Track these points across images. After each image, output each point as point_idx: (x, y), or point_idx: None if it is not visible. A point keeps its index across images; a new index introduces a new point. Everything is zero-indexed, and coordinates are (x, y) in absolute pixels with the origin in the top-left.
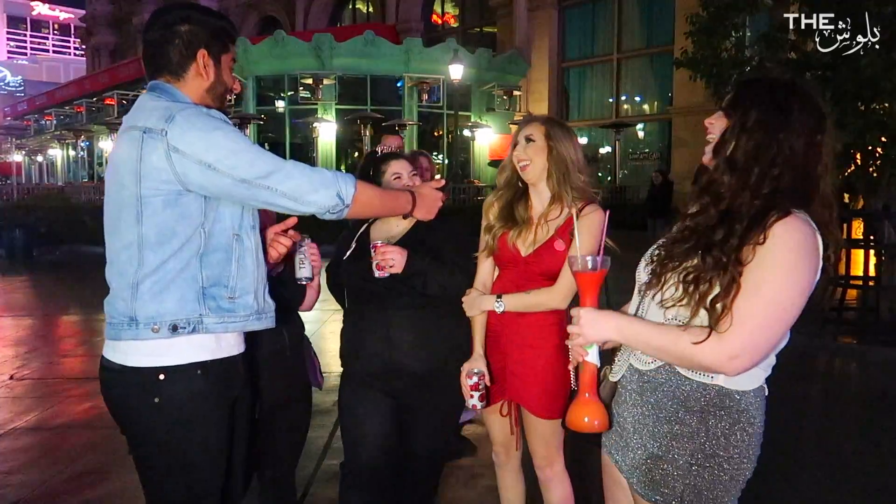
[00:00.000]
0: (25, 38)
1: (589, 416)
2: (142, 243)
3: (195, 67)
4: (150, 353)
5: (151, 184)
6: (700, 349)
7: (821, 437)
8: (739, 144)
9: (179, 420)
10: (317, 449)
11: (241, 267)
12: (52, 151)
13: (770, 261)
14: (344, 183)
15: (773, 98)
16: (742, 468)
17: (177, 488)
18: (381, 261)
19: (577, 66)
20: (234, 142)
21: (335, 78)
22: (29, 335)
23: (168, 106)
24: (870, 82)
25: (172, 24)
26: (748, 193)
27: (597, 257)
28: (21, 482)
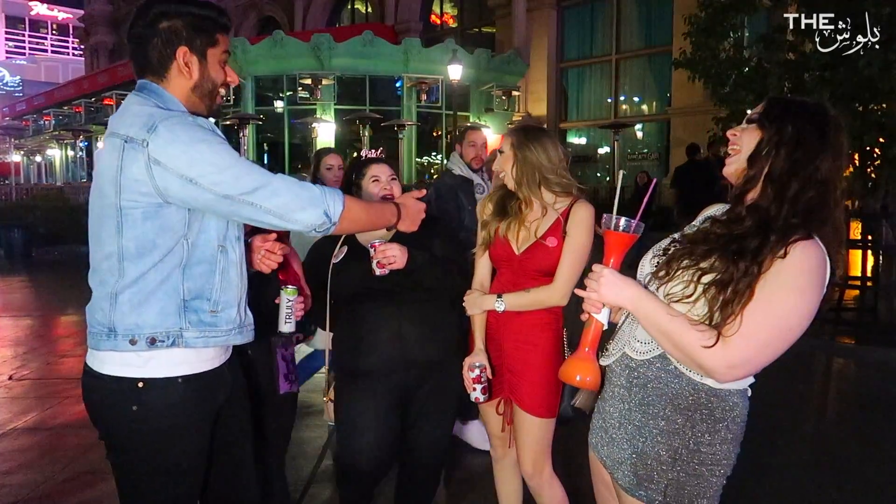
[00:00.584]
0: (24, 38)
1: (581, 373)
2: (122, 255)
3: (176, 66)
4: (127, 365)
5: (131, 195)
6: (703, 351)
7: (818, 438)
8: (780, 156)
9: (157, 429)
10: (315, 450)
11: (225, 279)
12: (50, 151)
13: (785, 280)
14: (332, 200)
15: (812, 118)
16: (723, 465)
17: (151, 496)
18: (381, 259)
19: (575, 67)
20: (218, 156)
21: (334, 78)
22: (28, 335)
23: (151, 113)
24: (868, 83)
25: (151, 21)
26: (787, 207)
27: (631, 220)
28: (20, 482)
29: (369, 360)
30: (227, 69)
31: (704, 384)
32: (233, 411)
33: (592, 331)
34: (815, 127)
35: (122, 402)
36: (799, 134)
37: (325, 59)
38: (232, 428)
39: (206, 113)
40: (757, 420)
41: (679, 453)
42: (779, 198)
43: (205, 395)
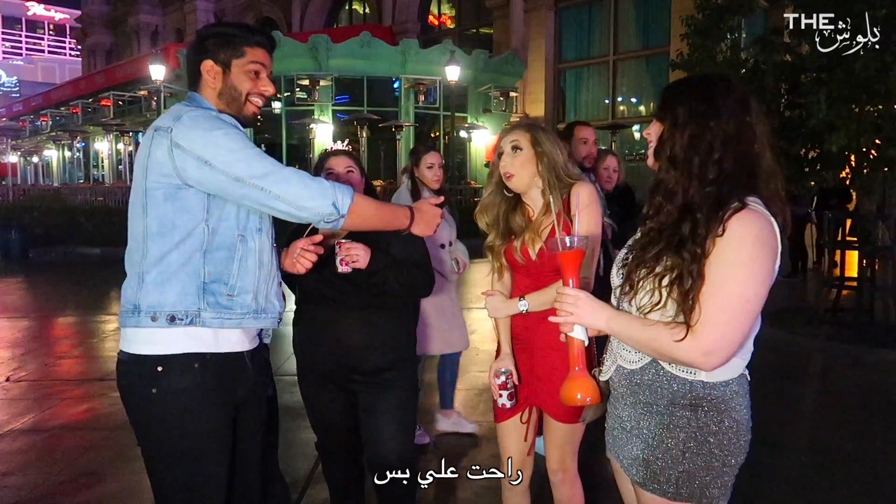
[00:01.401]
0: (21, 38)
1: (581, 391)
2: (146, 234)
3: (203, 78)
4: (147, 342)
5: (154, 177)
6: (677, 346)
7: (815, 437)
8: (676, 141)
9: (176, 411)
10: (313, 450)
11: (243, 267)
12: (47, 152)
13: (730, 256)
14: (341, 193)
15: (696, 92)
16: (732, 454)
17: (176, 479)
18: (345, 256)
19: (573, 68)
20: (233, 141)
21: (332, 79)
22: (25, 337)
23: (182, 109)
24: (864, 85)
25: (192, 44)
26: (696, 182)
27: (574, 236)
28: (18, 484)
29: (308, 360)
30: (261, 79)
31: (698, 380)
32: (251, 410)
33: (576, 349)
34: (702, 99)
35: (144, 385)
36: (689, 112)
37: (323, 60)
38: (248, 425)
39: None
40: (754, 420)
41: (687, 446)
42: (685, 176)
43: (222, 381)
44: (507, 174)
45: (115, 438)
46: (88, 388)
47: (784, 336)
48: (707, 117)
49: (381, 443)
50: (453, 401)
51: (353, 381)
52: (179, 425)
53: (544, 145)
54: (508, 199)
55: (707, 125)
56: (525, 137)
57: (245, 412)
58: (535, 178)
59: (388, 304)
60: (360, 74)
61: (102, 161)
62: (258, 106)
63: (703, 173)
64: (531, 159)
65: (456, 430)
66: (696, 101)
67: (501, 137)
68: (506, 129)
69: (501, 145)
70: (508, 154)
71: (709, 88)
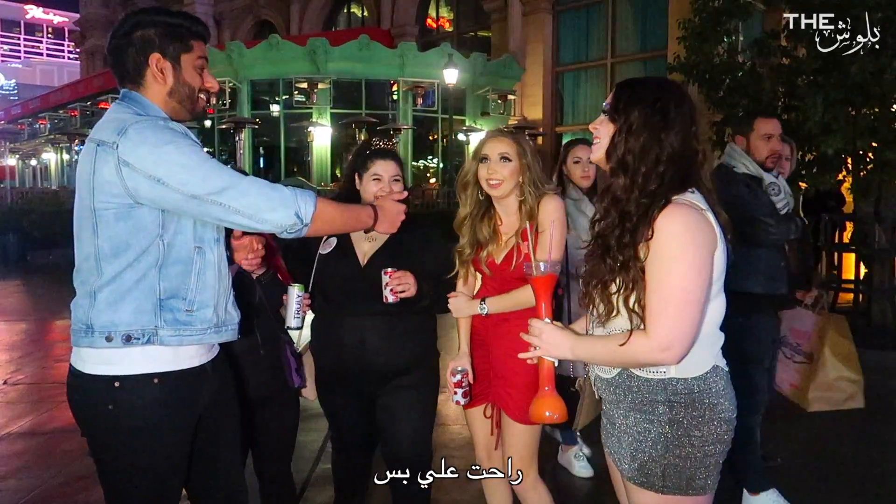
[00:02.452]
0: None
1: (549, 409)
2: (98, 255)
3: (150, 72)
4: (104, 362)
5: (103, 197)
6: (634, 350)
7: (812, 439)
8: (627, 147)
9: (134, 428)
10: (311, 452)
11: (201, 280)
12: (45, 155)
13: (663, 252)
14: (303, 201)
15: (652, 99)
16: (714, 445)
17: (133, 494)
18: (395, 287)
19: (571, 71)
20: (186, 157)
21: (330, 82)
22: (23, 340)
23: (125, 118)
24: (860, 88)
25: (126, 32)
26: (637, 191)
27: (548, 262)
28: (14, 487)
29: (332, 364)
30: (206, 75)
31: (669, 378)
32: (219, 413)
33: (545, 370)
34: (657, 109)
35: (99, 401)
36: (644, 120)
37: (321, 63)
38: (219, 429)
39: (187, 117)
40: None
41: (670, 439)
42: (631, 184)
43: (182, 395)
44: (496, 181)
45: None
46: None
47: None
48: (659, 129)
49: (400, 443)
50: (575, 435)
51: (375, 383)
52: (138, 441)
53: (528, 157)
54: (481, 206)
55: (658, 137)
56: (513, 148)
57: (213, 418)
58: (516, 188)
59: (410, 311)
60: (359, 77)
61: None
62: (206, 101)
63: (646, 184)
64: (517, 171)
65: (568, 467)
66: (651, 111)
67: (484, 144)
68: (491, 137)
69: (486, 153)
70: (496, 162)
71: (664, 98)
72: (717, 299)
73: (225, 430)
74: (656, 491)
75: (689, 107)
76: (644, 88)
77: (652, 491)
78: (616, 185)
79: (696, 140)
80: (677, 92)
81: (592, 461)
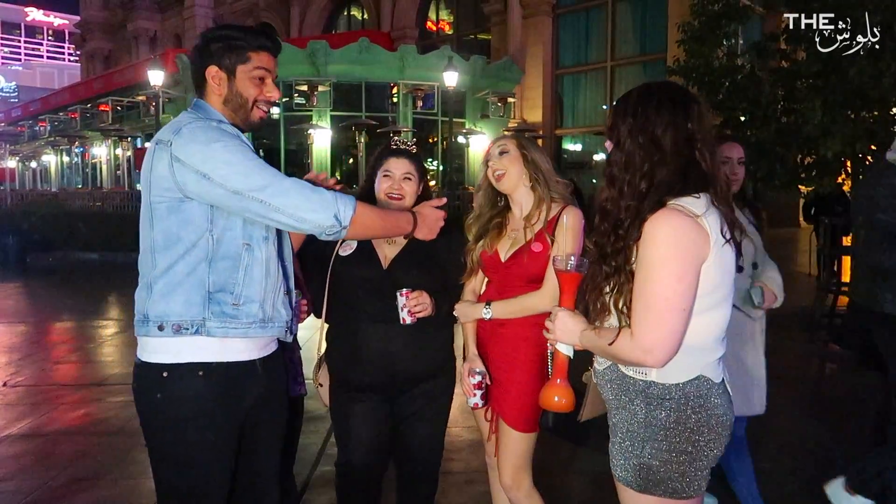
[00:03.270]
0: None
1: (558, 395)
2: (153, 247)
3: (209, 83)
4: (155, 350)
5: (157, 191)
6: (621, 348)
7: (810, 442)
8: (615, 161)
9: (179, 417)
10: (311, 455)
11: (248, 276)
12: (45, 157)
13: (647, 259)
14: (343, 205)
15: (633, 110)
16: (703, 449)
17: (179, 484)
18: (413, 308)
19: (570, 74)
20: (231, 154)
21: (330, 84)
22: (22, 342)
23: (182, 120)
24: (858, 91)
25: (195, 48)
26: (626, 199)
27: (575, 259)
28: (14, 489)
29: (358, 375)
30: (266, 85)
31: (650, 380)
32: (265, 414)
33: (559, 362)
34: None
35: (151, 389)
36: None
37: (322, 66)
38: (262, 430)
39: (242, 125)
40: (750, 425)
41: (643, 439)
42: (619, 193)
43: (228, 389)
44: (498, 174)
45: (111, 443)
46: (85, 394)
47: (780, 340)
48: (637, 134)
49: (413, 449)
50: None
51: (395, 391)
52: (182, 431)
53: (529, 149)
54: (497, 207)
55: (637, 142)
56: (511, 142)
57: (258, 417)
58: (522, 177)
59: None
60: (359, 80)
61: (101, 166)
62: (265, 112)
63: (632, 190)
64: (517, 159)
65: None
66: (632, 118)
67: (489, 149)
68: (494, 140)
69: (490, 153)
70: (496, 158)
71: (641, 102)
72: (715, 310)
73: (267, 433)
74: (637, 490)
75: (676, 104)
76: (627, 101)
77: (639, 492)
78: (603, 198)
79: (696, 140)
80: (660, 91)
81: (593, 468)
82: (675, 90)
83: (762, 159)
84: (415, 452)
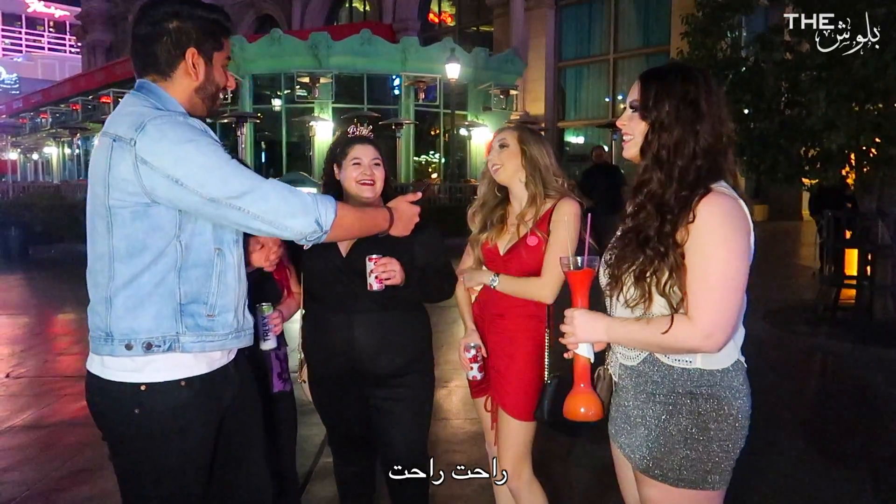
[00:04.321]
0: (21, 35)
1: (584, 406)
2: (112, 255)
3: (183, 66)
4: (126, 369)
5: (119, 194)
6: (676, 335)
7: (814, 435)
8: (662, 142)
9: (159, 431)
10: (313, 447)
11: (223, 283)
12: (47, 149)
13: (706, 239)
14: (324, 208)
15: (682, 92)
16: (732, 441)
17: (153, 497)
18: (380, 273)
19: (573, 66)
20: (206, 157)
21: (332, 76)
22: (24, 333)
23: (142, 112)
24: (863, 83)
25: (161, 20)
26: (675, 185)
27: (583, 256)
28: (17, 480)
29: (322, 366)
30: (228, 73)
31: (695, 368)
32: (241, 411)
33: (580, 367)
34: (689, 102)
35: (124, 404)
36: (677, 112)
37: (323, 58)
38: (242, 427)
39: (205, 115)
40: (753, 418)
41: (689, 432)
42: (667, 178)
43: (209, 396)
44: (494, 166)
45: None
46: None
47: (784, 334)
48: (693, 122)
49: (394, 446)
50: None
51: (367, 385)
52: (164, 444)
53: (529, 144)
54: (498, 198)
55: (694, 130)
56: (513, 136)
57: (236, 415)
58: (518, 172)
59: (401, 306)
60: (361, 72)
61: None
62: (222, 100)
63: (683, 176)
64: (516, 154)
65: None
66: (683, 104)
67: (493, 139)
68: (497, 130)
69: (492, 144)
70: (496, 151)
71: (693, 89)
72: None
73: (248, 428)
74: (671, 484)
75: (719, 96)
76: (672, 81)
77: (666, 484)
78: (652, 181)
79: (725, 129)
80: (705, 80)
81: (592, 459)
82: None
83: (766, 152)
84: (395, 452)
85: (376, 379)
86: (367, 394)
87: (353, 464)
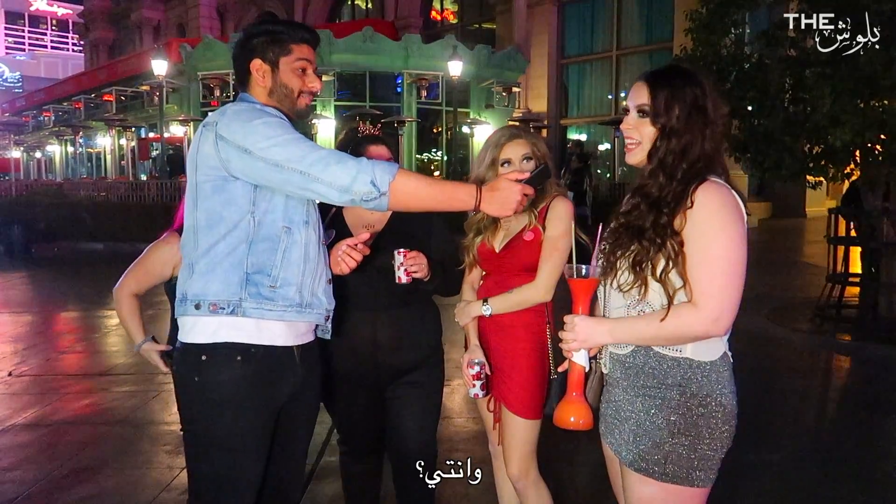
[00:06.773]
0: (23, 33)
1: (574, 415)
2: (196, 227)
3: (253, 76)
4: (193, 330)
5: (203, 171)
6: (683, 322)
7: (818, 433)
8: (670, 147)
9: (214, 401)
10: (315, 445)
11: (287, 258)
12: (50, 147)
13: (706, 226)
14: (381, 170)
15: (691, 98)
16: (719, 437)
17: (210, 469)
18: (408, 267)
19: (576, 63)
20: (271, 129)
21: (334, 74)
22: (27, 332)
23: (228, 106)
24: (868, 80)
25: (238, 44)
26: (675, 183)
27: (588, 266)
28: (19, 479)
29: (343, 364)
30: (308, 76)
31: (684, 357)
32: (300, 408)
33: (575, 375)
34: (698, 108)
35: (189, 373)
36: (688, 117)
37: (325, 55)
38: (296, 424)
39: (289, 115)
40: (756, 415)
41: (677, 426)
42: (669, 180)
43: (264, 375)
44: None
45: (116, 433)
46: (90, 384)
47: (788, 332)
48: (702, 128)
49: (404, 440)
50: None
51: (383, 380)
52: (217, 416)
53: (545, 153)
54: None
55: (702, 134)
56: (532, 149)
57: (292, 411)
58: None
59: (418, 301)
60: (363, 70)
61: (105, 156)
62: (308, 102)
63: (685, 177)
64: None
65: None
66: (694, 109)
67: (502, 148)
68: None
69: (508, 157)
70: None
71: (701, 94)
72: None
73: (300, 426)
74: (655, 478)
75: (717, 97)
76: (680, 85)
77: (651, 478)
78: (653, 185)
79: (721, 129)
80: (708, 84)
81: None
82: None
83: (770, 149)
84: (406, 444)
85: (392, 373)
86: (383, 387)
87: (361, 461)
